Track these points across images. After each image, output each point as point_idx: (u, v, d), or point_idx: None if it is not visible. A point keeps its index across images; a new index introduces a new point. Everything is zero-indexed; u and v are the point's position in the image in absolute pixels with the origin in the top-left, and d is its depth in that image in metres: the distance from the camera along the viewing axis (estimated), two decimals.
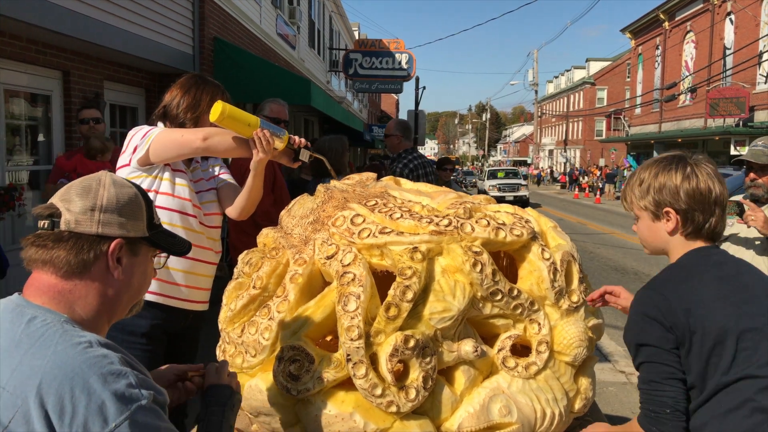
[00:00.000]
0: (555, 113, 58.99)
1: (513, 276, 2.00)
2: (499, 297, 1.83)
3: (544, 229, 2.10)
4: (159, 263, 1.40)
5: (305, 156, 2.25)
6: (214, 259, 2.49)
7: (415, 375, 1.71)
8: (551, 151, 60.06)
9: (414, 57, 18.17)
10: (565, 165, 51.36)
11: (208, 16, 8.53)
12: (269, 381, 1.76)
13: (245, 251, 2.16)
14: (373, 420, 1.68)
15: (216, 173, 2.58)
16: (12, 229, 5.37)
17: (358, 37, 24.72)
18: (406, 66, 18.09)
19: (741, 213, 2.94)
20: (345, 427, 1.69)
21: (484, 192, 25.78)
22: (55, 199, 1.23)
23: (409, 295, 1.71)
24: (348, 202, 2.03)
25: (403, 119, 7.68)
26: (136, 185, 1.32)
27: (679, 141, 25.61)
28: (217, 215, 2.50)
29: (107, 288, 1.23)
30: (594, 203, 27.14)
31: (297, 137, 2.25)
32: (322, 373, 1.71)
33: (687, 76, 26.83)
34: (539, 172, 50.84)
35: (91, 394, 1.03)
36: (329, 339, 1.99)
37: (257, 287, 1.93)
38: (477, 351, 1.78)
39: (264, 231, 2.18)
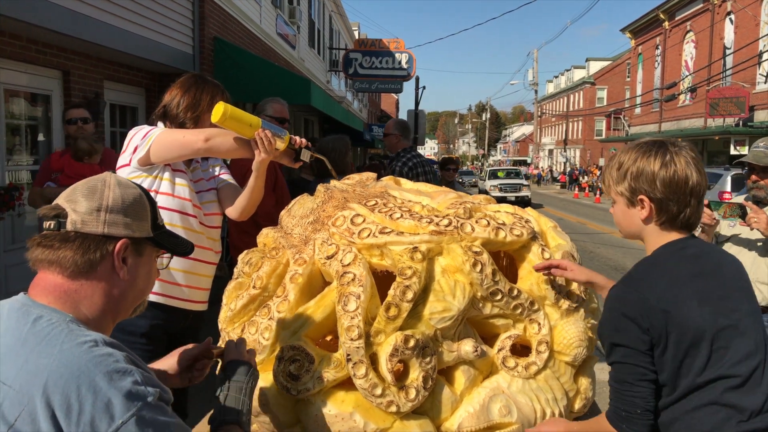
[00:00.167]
0: (555, 113, 58.98)
1: (513, 276, 2.00)
2: (499, 297, 1.83)
3: (544, 229, 2.11)
4: (162, 264, 1.41)
5: (306, 156, 2.25)
6: (214, 259, 2.49)
7: (415, 375, 1.71)
8: (551, 151, 60.05)
9: (414, 57, 18.16)
10: (565, 165, 51.33)
11: (208, 15, 8.53)
12: (269, 381, 1.76)
13: (245, 251, 2.16)
14: (373, 420, 1.69)
15: (216, 173, 2.58)
16: (12, 229, 5.37)
17: (358, 37, 24.71)
18: (406, 66, 18.08)
19: (743, 215, 2.90)
20: (345, 427, 1.69)
21: (485, 192, 25.74)
22: (61, 200, 1.24)
23: (409, 295, 1.71)
24: (348, 202, 2.03)
25: (402, 119, 7.74)
26: (140, 186, 1.33)
27: (679, 141, 25.57)
28: (217, 215, 2.50)
29: (113, 288, 1.24)
30: (594, 203, 27.10)
31: (298, 137, 2.25)
32: (322, 373, 1.71)
33: (687, 75, 26.83)
34: (539, 171, 50.83)
35: (98, 392, 1.04)
36: (329, 339, 1.99)
37: (257, 287, 1.93)
38: (477, 351, 1.78)
39: (264, 231, 2.18)
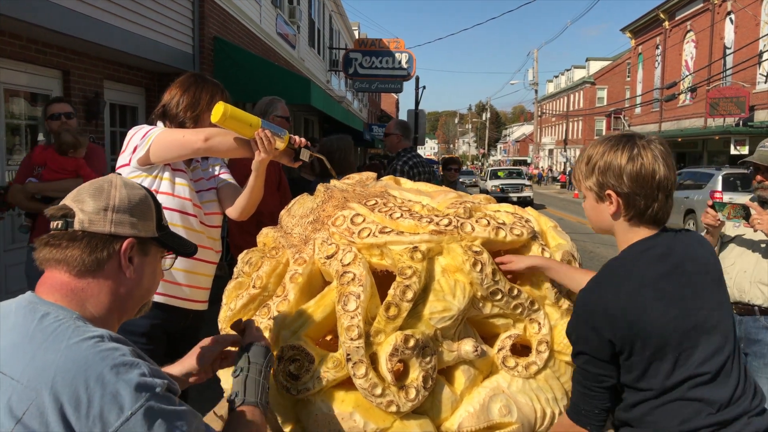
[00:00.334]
0: (555, 113, 58.96)
1: (513, 276, 1.99)
2: (499, 296, 1.83)
3: (544, 229, 2.10)
4: (165, 264, 1.43)
5: (305, 155, 2.25)
6: (214, 259, 2.49)
7: (415, 375, 1.71)
8: (551, 151, 60.02)
9: (414, 56, 18.15)
10: (565, 165, 51.32)
11: (208, 15, 8.53)
12: (269, 380, 1.76)
13: (245, 251, 2.16)
14: (373, 420, 1.68)
15: (216, 173, 2.58)
16: (12, 229, 5.37)
17: (358, 37, 24.70)
18: (406, 65, 18.07)
19: (747, 216, 2.83)
20: (345, 427, 1.69)
21: (486, 192, 25.71)
22: (68, 200, 1.26)
23: (409, 295, 1.70)
24: (348, 201, 2.03)
25: (403, 120, 7.83)
26: (145, 187, 1.36)
27: (679, 140, 25.60)
28: (218, 215, 2.50)
29: (119, 286, 1.26)
30: None
31: (297, 137, 2.25)
32: (321, 373, 1.71)
33: (687, 75, 26.82)
34: (539, 171, 50.82)
35: (106, 384, 1.06)
36: (329, 338, 1.99)
37: (257, 287, 1.93)
38: (477, 351, 1.78)
39: (264, 230, 2.18)
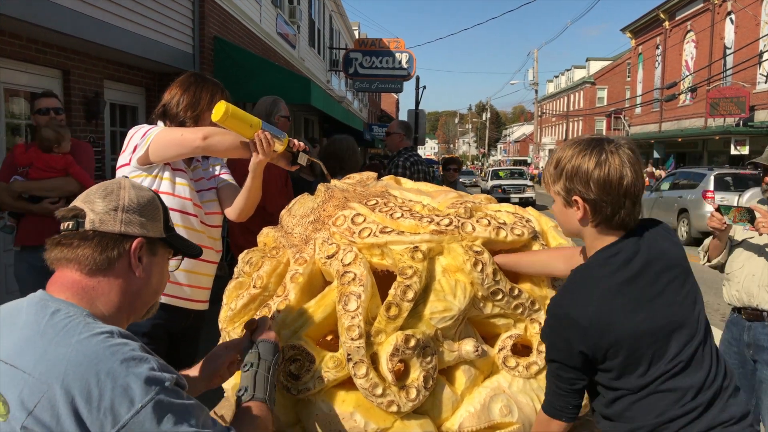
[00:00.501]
0: (555, 113, 58.95)
1: (513, 275, 1.99)
2: (500, 296, 1.83)
3: (545, 229, 2.10)
4: (171, 266, 1.46)
5: (303, 160, 2.25)
6: (215, 259, 2.49)
7: (416, 375, 1.71)
8: (551, 151, 59.74)
9: (414, 56, 18.15)
10: None
11: (208, 15, 8.52)
12: None
13: (246, 251, 2.16)
14: (374, 420, 1.68)
15: (217, 173, 2.57)
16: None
17: (358, 37, 24.70)
18: (406, 65, 18.07)
19: (752, 219, 2.77)
20: (345, 427, 1.69)
21: (487, 193, 25.69)
22: (78, 202, 1.30)
23: (410, 295, 1.70)
24: (348, 201, 2.03)
25: (405, 120, 7.91)
26: (151, 190, 1.40)
27: (680, 140, 25.60)
28: (218, 214, 2.50)
29: (129, 285, 1.29)
30: None
31: (296, 140, 2.25)
32: (322, 373, 1.70)
33: (687, 75, 26.82)
34: (540, 171, 50.81)
35: (116, 378, 1.08)
36: (330, 338, 1.99)
37: (258, 286, 1.93)
38: (478, 351, 1.78)
39: (264, 230, 2.18)
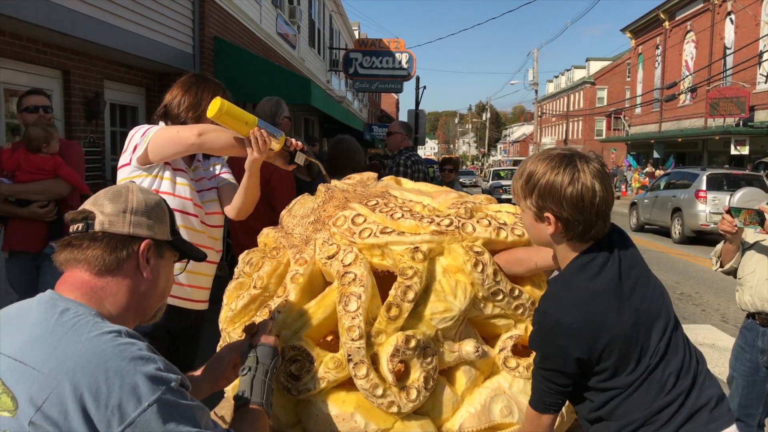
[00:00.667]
0: (555, 113, 58.96)
1: (514, 276, 1.99)
2: (501, 297, 1.83)
3: None
4: (176, 269, 1.49)
5: (300, 159, 2.23)
6: (215, 259, 2.48)
7: (416, 375, 1.71)
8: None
9: (414, 56, 18.15)
10: None
11: (208, 15, 8.52)
12: None
13: (246, 251, 2.16)
14: (374, 420, 1.68)
15: (217, 172, 2.57)
16: None
17: (358, 37, 24.70)
18: (406, 65, 18.07)
19: (762, 222, 2.73)
20: (346, 428, 1.69)
21: (488, 193, 25.62)
22: (87, 205, 1.33)
23: (410, 295, 1.70)
24: (349, 201, 2.03)
25: (406, 121, 7.97)
26: (158, 194, 1.43)
27: (680, 141, 25.60)
28: (219, 214, 2.49)
29: (137, 286, 1.32)
30: None
31: (294, 139, 2.23)
32: (322, 374, 1.70)
33: (687, 75, 26.83)
34: None
35: (124, 376, 1.11)
36: (330, 339, 1.99)
37: (258, 287, 1.93)
38: (478, 351, 1.78)
39: (264, 231, 2.18)
